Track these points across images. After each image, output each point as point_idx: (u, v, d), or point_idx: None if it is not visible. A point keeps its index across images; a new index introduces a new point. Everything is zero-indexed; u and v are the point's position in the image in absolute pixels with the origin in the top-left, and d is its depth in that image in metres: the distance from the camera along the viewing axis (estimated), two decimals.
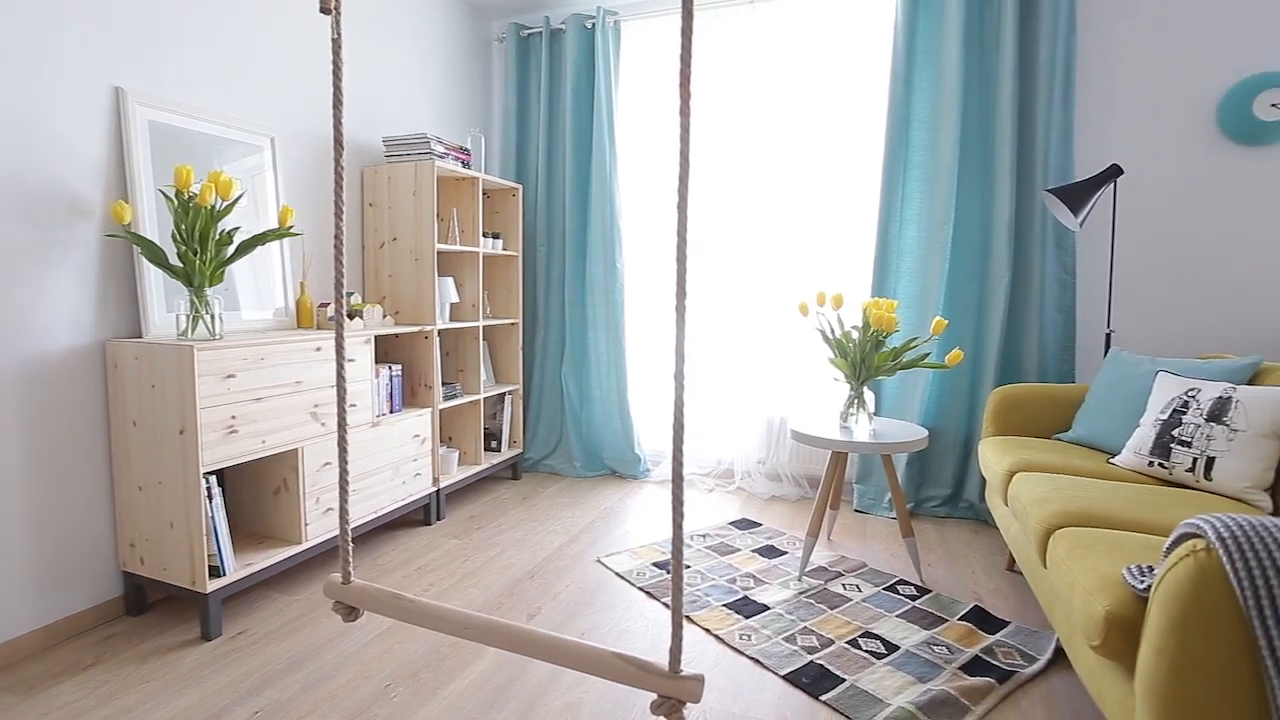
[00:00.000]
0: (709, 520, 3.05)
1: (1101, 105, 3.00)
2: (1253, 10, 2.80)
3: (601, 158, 3.58)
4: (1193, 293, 2.92)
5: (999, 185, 2.98)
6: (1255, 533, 1.06)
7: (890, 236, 3.16)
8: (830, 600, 2.25)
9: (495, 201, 3.70)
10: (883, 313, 2.34)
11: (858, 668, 1.86)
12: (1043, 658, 1.90)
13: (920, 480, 3.15)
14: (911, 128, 3.15)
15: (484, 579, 2.41)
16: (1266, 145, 2.81)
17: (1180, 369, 2.24)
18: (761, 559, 2.59)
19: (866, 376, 2.43)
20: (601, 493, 3.45)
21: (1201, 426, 1.95)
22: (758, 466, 3.50)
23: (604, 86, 3.56)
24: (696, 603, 2.23)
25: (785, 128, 3.41)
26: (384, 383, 2.73)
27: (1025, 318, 3.00)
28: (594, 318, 3.69)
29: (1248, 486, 1.83)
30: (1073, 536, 1.60)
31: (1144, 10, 2.92)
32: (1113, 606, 1.29)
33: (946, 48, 3.03)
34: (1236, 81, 2.82)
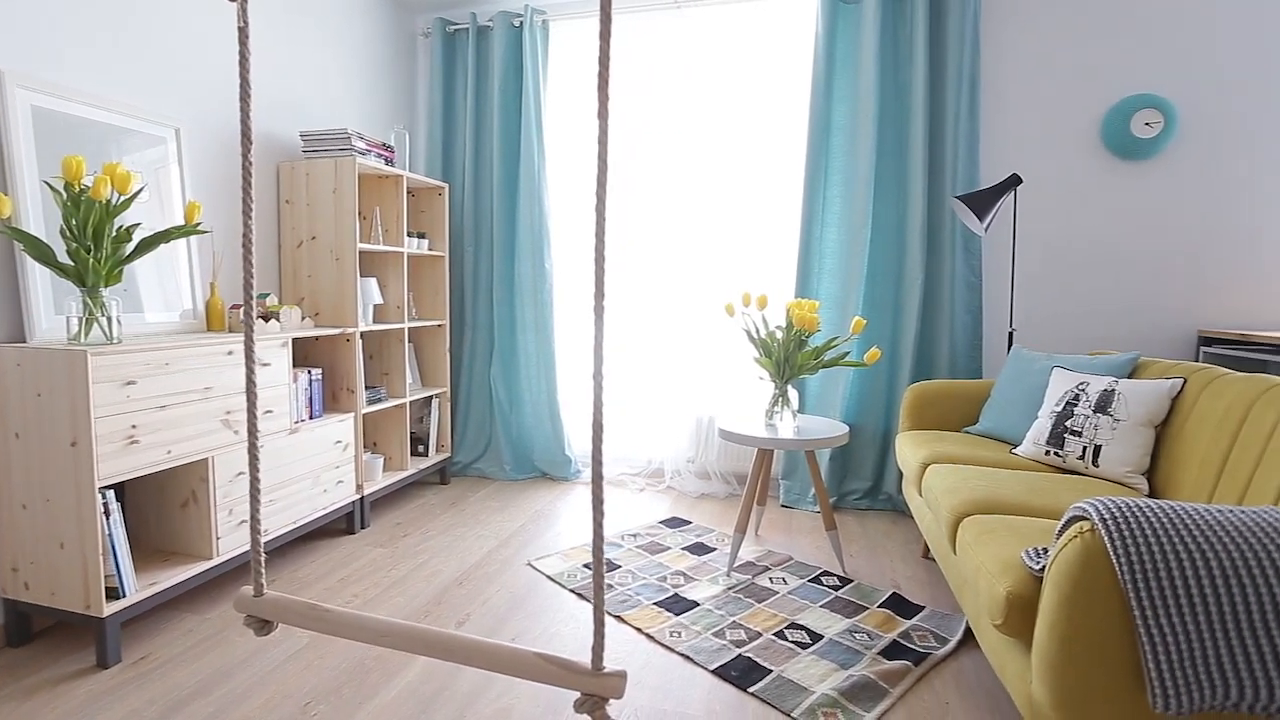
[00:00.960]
0: (640, 520, 3.07)
1: (1004, 118, 3.20)
2: (1130, 36, 3.05)
3: (530, 158, 3.55)
4: (1083, 294, 3.16)
5: (912, 191, 3.13)
6: (1132, 513, 1.16)
7: (812, 239, 3.27)
8: (758, 594, 2.31)
9: (421, 200, 3.61)
10: (805, 313, 2.42)
11: (784, 658, 1.91)
12: (954, 639, 2.01)
13: (843, 474, 3.28)
14: (832, 134, 3.27)
15: (411, 587, 2.35)
16: (1143, 160, 3.06)
17: (1072, 365, 2.41)
18: (691, 556, 2.63)
19: (790, 375, 2.51)
20: (532, 495, 3.42)
21: (1090, 417, 2.11)
22: (687, 465, 3.55)
23: (532, 86, 3.53)
24: (627, 602, 2.24)
25: (712, 131, 3.48)
26: (303, 387, 2.62)
27: (937, 317, 3.16)
28: (523, 319, 3.65)
29: (1128, 471, 1.99)
30: (979, 524, 1.71)
31: (1039, 33, 3.14)
32: (1013, 587, 1.38)
33: (863, 60, 3.16)
34: (1117, 101, 3.06)
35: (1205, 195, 3.03)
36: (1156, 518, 1.14)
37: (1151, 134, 2.99)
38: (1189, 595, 1.07)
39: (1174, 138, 3.03)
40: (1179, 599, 1.07)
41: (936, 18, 3.14)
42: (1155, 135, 2.99)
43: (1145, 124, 3.00)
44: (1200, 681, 1.05)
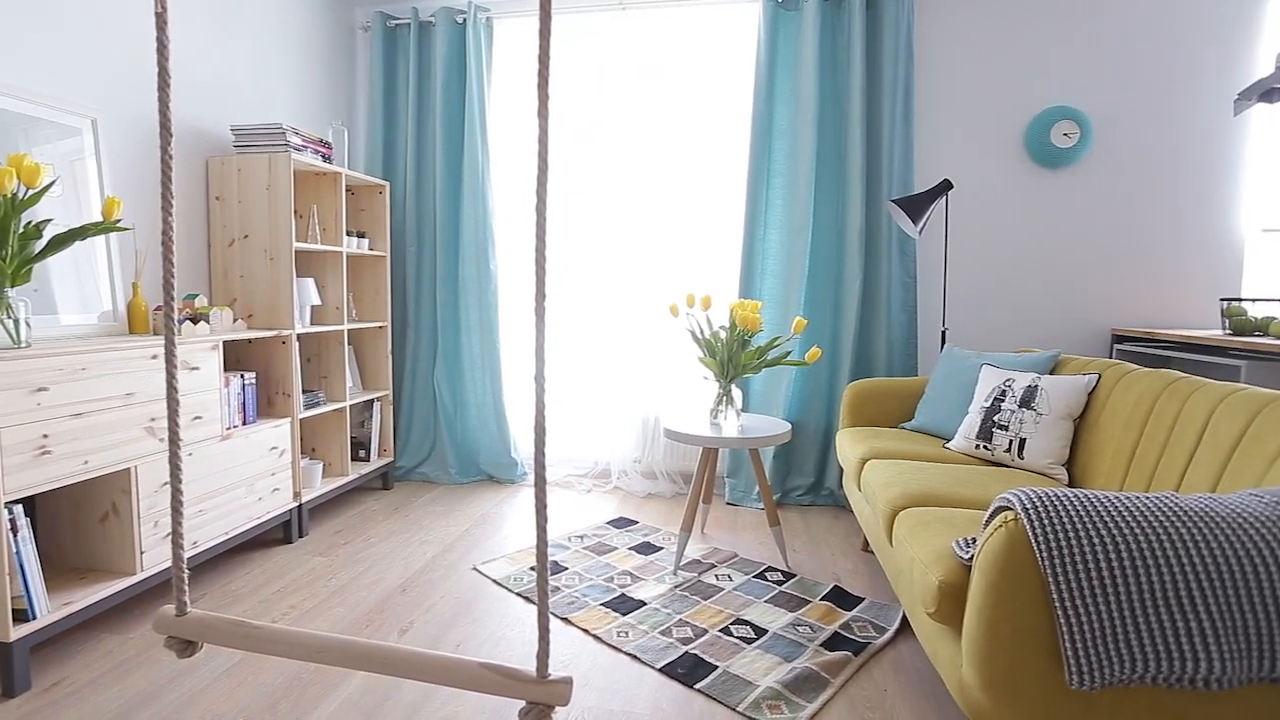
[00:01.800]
0: (587, 521, 3.06)
1: (936, 126, 3.33)
2: (1050, 52, 3.22)
3: (474, 157, 3.51)
4: (1010, 294, 3.32)
5: (851, 194, 3.23)
6: (1050, 503, 1.22)
7: (755, 240, 3.33)
8: (704, 591, 2.34)
9: (360, 199, 3.51)
10: (748, 313, 2.47)
11: (729, 654, 1.94)
12: (891, 628, 2.08)
13: (786, 471, 3.35)
14: (774, 137, 3.33)
15: (351, 597, 2.29)
16: (1062, 168, 3.24)
17: (1000, 362, 2.53)
18: (638, 556, 2.64)
19: (734, 375, 2.55)
20: (478, 499, 3.38)
21: (1015, 412, 2.22)
22: (634, 465, 3.56)
23: (476, 84, 3.48)
24: (575, 604, 2.23)
25: (657, 132, 3.50)
26: (235, 392, 2.52)
27: (875, 317, 3.27)
28: (467, 320, 3.60)
29: (1050, 462, 2.10)
30: (914, 516, 1.77)
31: (967, 46, 3.28)
32: (944, 576, 1.44)
33: (804, 65, 3.24)
34: (1038, 112, 3.23)
35: (1117, 203, 3.22)
36: (1072, 506, 1.21)
37: (1069, 144, 3.16)
38: (1100, 577, 1.14)
39: (1089, 148, 3.21)
40: (1092, 581, 1.14)
41: (872, 27, 3.24)
42: (1073, 145, 3.16)
43: (1064, 134, 3.17)
44: (1111, 658, 1.12)
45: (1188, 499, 1.22)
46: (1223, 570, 1.12)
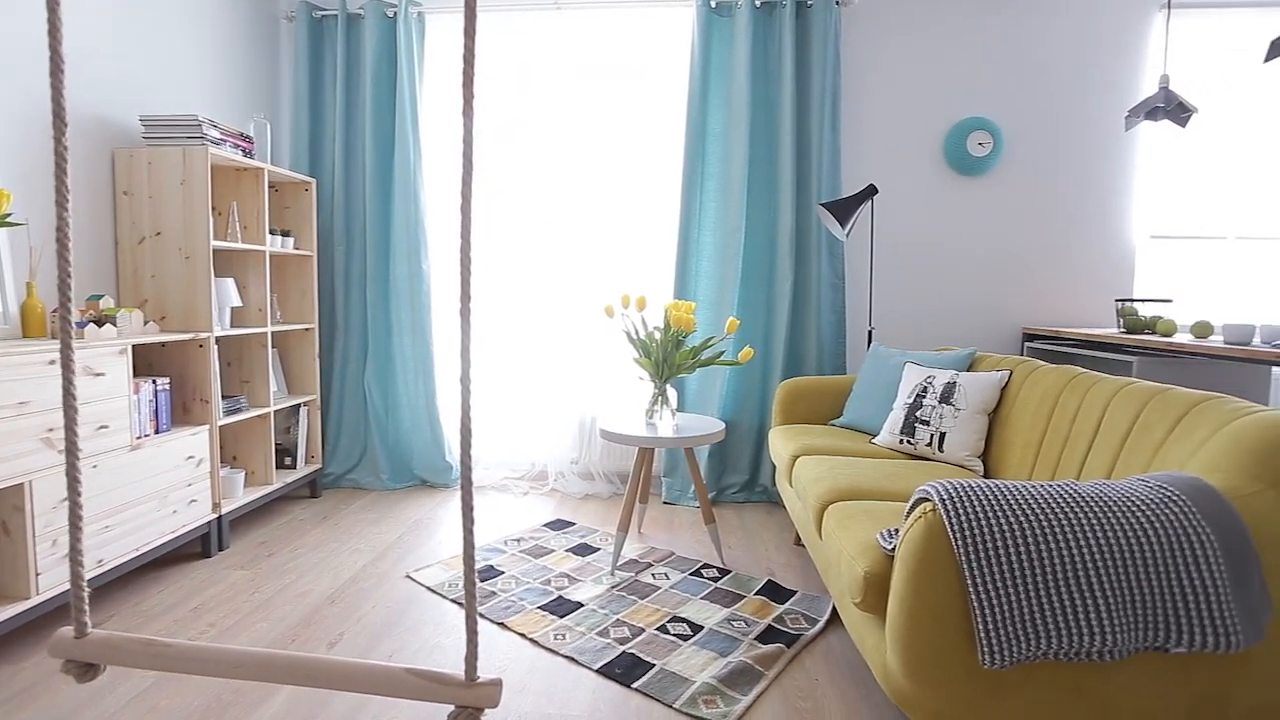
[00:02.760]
0: (523, 523, 3.04)
1: (863, 133, 3.46)
2: (965, 65, 3.39)
3: (405, 154, 3.42)
4: (931, 295, 3.48)
5: (782, 198, 3.31)
6: (965, 493, 1.29)
7: (690, 241, 3.38)
8: (641, 590, 2.35)
9: (285, 196, 3.37)
10: (682, 314, 2.50)
11: (666, 651, 1.97)
12: (822, 619, 2.15)
13: (721, 469, 3.41)
14: (708, 141, 3.39)
15: (277, 610, 2.20)
16: (978, 176, 3.42)
17: (921, 360, 2.65)
18: (575, 557, 2.64)
19: (669, 375, 2.58)
20: (411, 504, 3.30)
21: (936, 407, 2.33)
22: (571, 467, 3.56)
23: (407, 79, 3.40)
24: (511, 608, 2.21)
25: (593, 133, 3.51)
26: (146, 399, 2.38)
27: (806, 317, 3.36)
28: (399, 321, 3.51)
29: (967, 455, 2.22)
30: (842, 510, 1.83)
31: (891, 57, 3.42)
32: (870, 567, 1.50)
33: (737, 71, 3.30)
34: (955, 122, 3.40)
35: (1026, 209, 3.43)
36: (983, 496, 1.28)
37: (984, 153, 3.34)
38: (1008, 562, 1.21)
39: (1001, 158, 3.40)
40: (1001, 566, 1.21)
41: (802, 36, 3.33)
42: (986, 155, 3.34)
43: (978, 144, 3.35)
44: (1018, 637, 1.19)
45: (1084, 485, 1.31)
46: (1115, 550, 1.21)
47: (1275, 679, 1.23)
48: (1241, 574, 1.19)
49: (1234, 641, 1.16)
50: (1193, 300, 3.47)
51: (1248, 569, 1.20)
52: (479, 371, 3.64)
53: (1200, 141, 3.43)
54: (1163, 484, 1.30)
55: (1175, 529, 1.22)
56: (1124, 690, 1.24)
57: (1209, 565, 1.19)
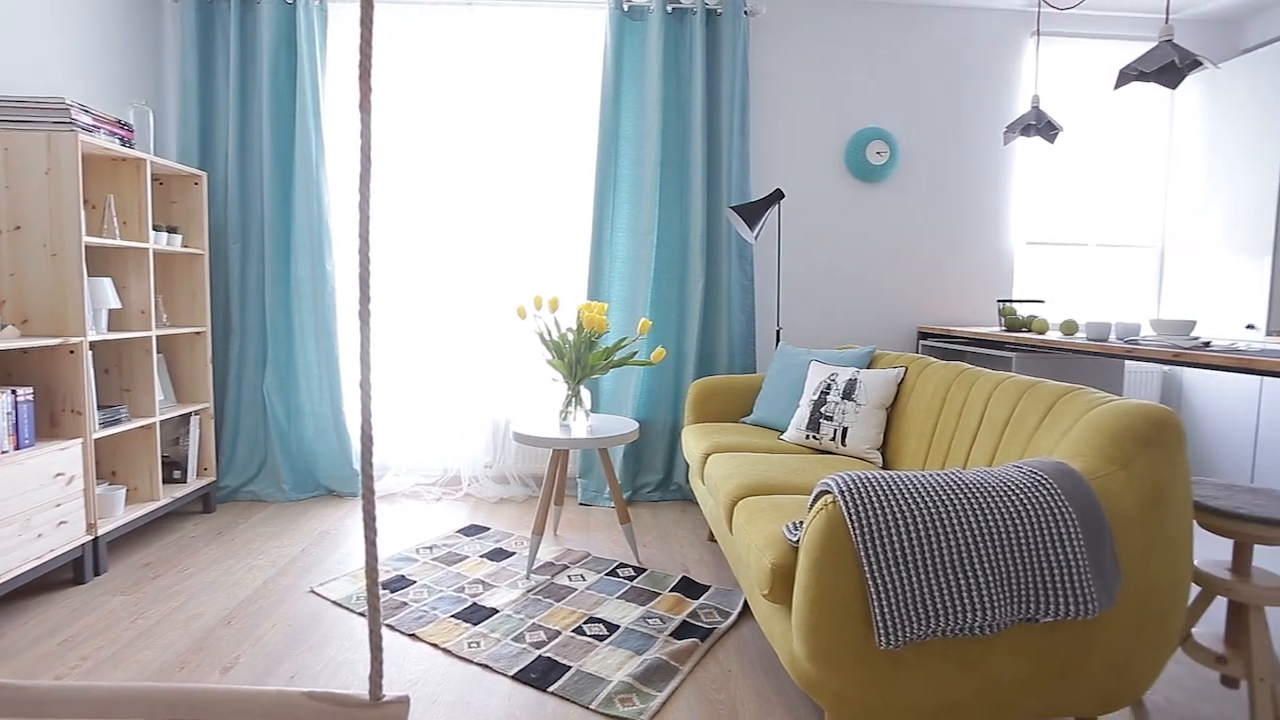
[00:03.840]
0: (437, 530, 2.96)
1: (770, 138, 3.58)
2: (864, 77, 3.58)
3: (307, 148, 3.26)
4: (835, 296, 3.64)
5: (693, 200, 3.38)
6: (861, 484, 1.36)
7: (603, 243, 3.39)
8: (557, 593, 2.35)
9: (171, 189, 3.14)
10: (594, 315, 2.51)
11: (582, 653, 1.97)
12: (734, 612, 2.21)
13: (636, 469, 3.44)
14: (620, 143, 3.41)
15: (161, 638, 2.04)
16: (876, 183, 3.61)
17: (825, 358, 2.77)
18: (490, 563, 2.60)
19: (582, 376, 2.58)
20: (316, 515, 3.15)
21: (839, 403, 2.44)
22: (485, 470, 3.50)
23: (309, 70, 3.24)
24: (423, 618, 2.15)
25: (506, 132, 3.46)
26: (4, 411, 2.16)
27: (717, 317, 3.45)
28: (302, 324, 3.34)
29: (868, 448, 2.34)
30: (751, 505, 1.89)
31: (796, 67, 3.56)
32: (776, 559, 1.55)
33: (649, 74, 3.34)
34: (855, 132, 3.57)
35: (919, 215, 3.65)
36: (879, 486, 1.35)
37: (881, 161, 3.53)
38: (901, 548, 1.29)
39: (897, 166, 3.61)
40: (895, 552, 1.29)
41: (712, 43, 3.41)
42: (884, 163, 3.53)
43: (876, 153, 3.54)
44: (911, 618, 1.27)
45: (968, 474, 1.42)
46: (993, 532, 1.31)
47: (1124, 638, 1.37)
48: (1097, 547, 1.32)
49: (1092, 608, 1.29)
50: (1063, 300, 3.81)
51: (1102, 543, 1.33)
52: (389, 376, 3.52)
53: (1067, 156, 3.77)
54: (1033, 469, 1.42)
55: (1043, 510, 1.33)
56: (1003, 660, 1.35)
57: (1071, 541, 1.31)
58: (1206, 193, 3.54)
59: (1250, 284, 3.30)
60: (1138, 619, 1.37)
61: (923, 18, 3.59)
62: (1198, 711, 1.74)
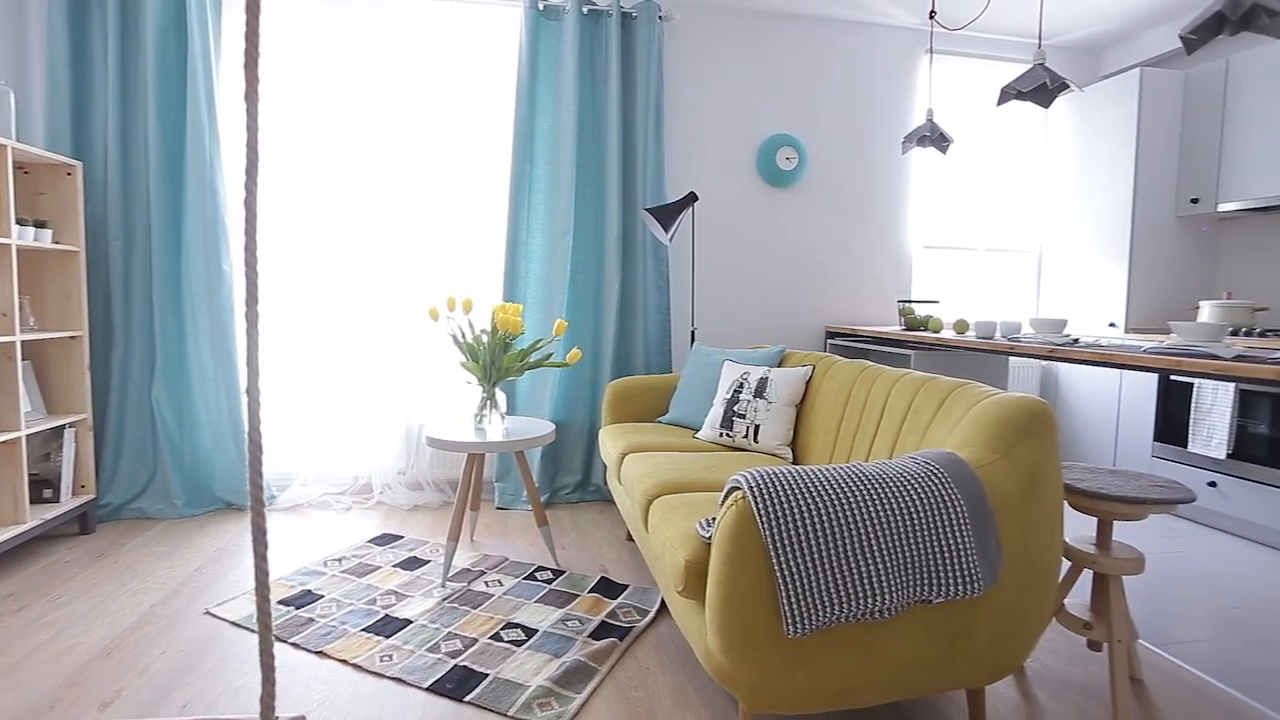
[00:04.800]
0: (346, 541, 2.84)
1: (685, 142, 3.64)
2: (773, 85, 3.70)
3: (200, 139, 3.05)
4: (747, 296, 3.75)
5: (609, 202, 3.40)
6: (769, 480, 1.41)
7: (519, 243, 3.35)
8: (473, 600, 2.30)
9: (38, 179, 2.86)
10: (509, 316, 2.48)
11: (500, 660, 1.94)
12: (652, 610, 2.24)
13: (554, 471, 3.43)
14: (536, 143, 3.38)
15: (28, 676, 1.86)
16: (786, 188, 3.74)
17: (738, 358, 2.85)
18: (404, 572, 2.52)
19: (497, 378, 2.54)
20: (213, 531, 2.95)
21: (751, 401, 2.52)
22: (398, 477, 3.39)
23: (200, 55, 3.03)
24: (331, 634, 2.06)
25: (421, 129, 3.37)
26: None
27: (633, 318, 3.48)
28: (195, 327, 3.13)
29: (778, 444, 2.42)
30: (666, 503, 1.92)
31: (708, 72, 3.64)
32: (690, 556, 1.58)
33: (565, 75, 3.33)
34: (766, 138, 3.69)
35: (826, 219, 3.81)
36: (786, 481, 1.41)
37: (791, 167, 3.67)
38: (806, 539, 1.34)
39: (806, 172, 3.76)
40: (800, 544, 1.34)
41: (627, 46, 3.44)
42: (793, 169, 3.67)
43: (786, 158, 3.67)
44: (816, 606, 1.33)
45: (868, 466, 1.49)
46: (891, 521, 1.38)
47: (1006, 613, 1.49)
48: (982, 531, 1.42)
49: (977, 587, 1.39)
50: (956, 301, 4.08)
51: (986, 526, 1.43)
52: (295, 381, 3.35)
53: (959, 166, 4.03)
54: (927, 460, 1.51)
55: (935, 498, 1.42)
56: (900, 641, 1.43)
57: (959, 526, 1.41)
58: (1076, 203, 3.87)
59: (1113, 286, 3.64)
60: (1018, 594, 1.49)
61: (827, 31, 3.75)
62: (1069, 674, 1.91)
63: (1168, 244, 3.60)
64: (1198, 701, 1.80)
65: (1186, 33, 1.94)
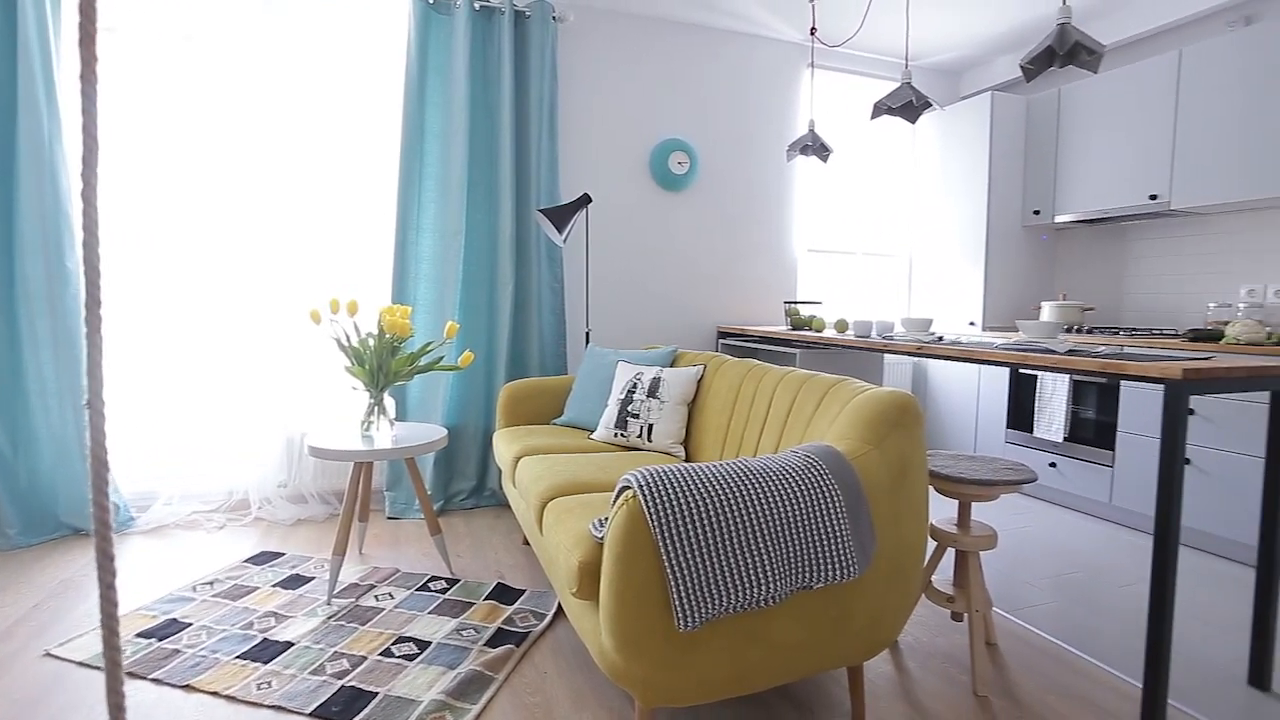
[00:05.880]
0: (219, 562, 2.64)
1: (579, 144, 3.65)
2: (667, 91, 3.78)
3: (35, 124, 2.73)
4: (641, 297, 3.81)
5: (503, 202, 3.34)
6: (659, 478, 1.44)
7: (408, 243, 3.24)
8: (362, 616, 2.20)
9: None
10: (397, 319, 2.39)
11: (391, 676, 1.87)
12: (549, 613, 2.23)
13: (448, 477, 3.33)
14: (426, 140, 3.28)
15: None
16: (678, 191, 3.83)
17: (632, 358, 2.89)
18: (285, 592, 2.37)
19: (385, 383, 2.45)
20: (56, 562, 2.65)
21: (645, 401, 2.56)
22: (279, 491, 3.18)
23: (35, 27, 2.70)
24: (200, 665, 1.91)
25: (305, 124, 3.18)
26: None
27: (528, 320, 3.44)
28: (33, 333, 2.79)
29: (672, 443, 2.48)
30: (560, 505, 1.92)
31: (603, 75, 3.66)
32: (584, 557, 1.59)
33: (456, 71, 3.24)
34: (659, 142, 3.76)
35: (717, 222, 3.93)
36: (674, 478, 1.44)
37: (682, 171, 3.76)
38: (694, 534, 1.39)
39: (697, 176, 3.86)
40: (689, 538, 1.38)
41: (520, 44, 3.40)
42: (685, 173, 3.76)
43: (678, 163, 3.75)
44: (705, 599, 1.37)
45: (753, 461, 1.56)
46: (774, 513, 1.45)
47: (880, 593, 1.60)
48: (857, 518, 1.52)
49: (853, 571, 1.48)
50: (838, 301, 4.33)
51: (860, 513, 1.53)
52: (157, 390, 3.06)
53: (839, 174, 4.29)
54: (807, 453, 1.60)
55: (815, 489, 1.50)
56: (784, 626, 1.50)
57: (837, 515, 1.50)
58: (941, 211, 4.21)
59: (972, 288, 3.99)
60: (890, 575, 1.60)
61: (717, 40, 3.87)
62: (936, 644, 2.08)
63: (1016, 250, 3.99)
64: (1040, 659, 2.01)
65: (1025, 62, 2.16)
